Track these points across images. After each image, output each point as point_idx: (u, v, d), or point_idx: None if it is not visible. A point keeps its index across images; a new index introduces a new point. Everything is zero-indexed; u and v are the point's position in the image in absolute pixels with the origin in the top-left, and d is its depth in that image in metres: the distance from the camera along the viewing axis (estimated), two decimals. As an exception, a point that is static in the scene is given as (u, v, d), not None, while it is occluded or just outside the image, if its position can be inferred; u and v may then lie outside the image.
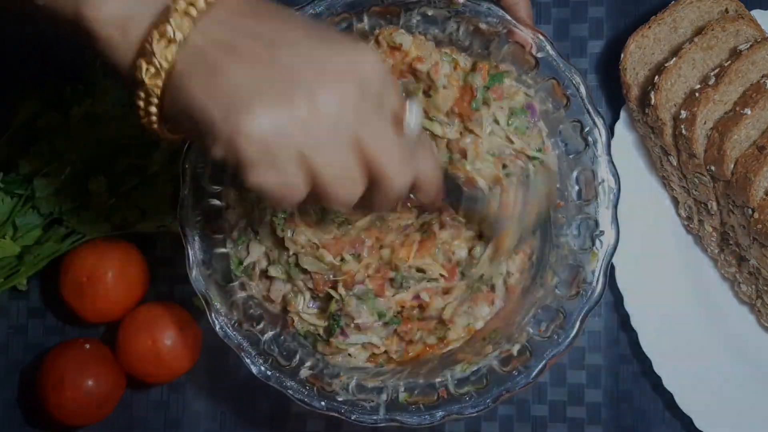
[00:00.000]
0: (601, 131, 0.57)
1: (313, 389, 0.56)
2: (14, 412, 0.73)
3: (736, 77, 0.62)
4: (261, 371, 0.56)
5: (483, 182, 0.55)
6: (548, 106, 0.58)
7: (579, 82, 0.56)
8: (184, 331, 0.68)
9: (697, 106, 0.62)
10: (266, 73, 0.39)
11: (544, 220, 0.57)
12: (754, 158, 0.61)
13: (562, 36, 0.72)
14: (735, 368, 0.66)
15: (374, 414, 0.56)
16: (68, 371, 0.66)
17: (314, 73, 0.39)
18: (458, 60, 0.57)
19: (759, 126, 0.62)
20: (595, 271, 0.57)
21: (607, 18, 0.72)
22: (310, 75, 0.39)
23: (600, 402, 0.69)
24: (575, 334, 0.56)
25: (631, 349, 0.69)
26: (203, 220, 0.57)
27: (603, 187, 0.57)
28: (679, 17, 0.66)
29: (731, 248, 0.65)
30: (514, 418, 0.70)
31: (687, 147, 0.63)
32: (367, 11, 0.57)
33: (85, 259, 0.68)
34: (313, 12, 0.56)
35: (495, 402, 0.55)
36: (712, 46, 0.64)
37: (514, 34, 0.56)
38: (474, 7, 0.56)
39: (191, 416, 0.71)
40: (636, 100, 0.66)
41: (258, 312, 0.58)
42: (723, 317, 0.67)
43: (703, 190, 0.64)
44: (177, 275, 0.72)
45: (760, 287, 0.65)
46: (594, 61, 0.72)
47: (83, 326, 0.73)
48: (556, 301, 0.57)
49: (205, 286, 0.56)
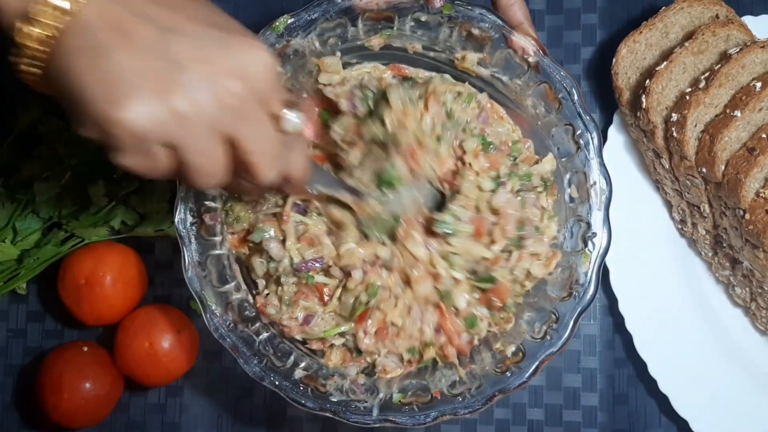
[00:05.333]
0: (592, 134, 0.57)
1: (307, 390, 0.56)
2: (12, 415, 0.74)
3: (727, 80, 0.63)
4: (255, 372, 0.56)
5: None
6: (541, 109, 0.58)
7: (571, 85, 0.57)
8: (182, 334, 0.68)
9: (688, 109, 0.62)
10: (153, 62, 0.39)
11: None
12: (744, 160, 0.61)
13: (555, 42, 0.73)
14: (730, 371, 0.66)
15: (368, 415, 0.56)
16: (66, 374, 0.67)
17: (201, 67, 0.40)
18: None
19: (749, 128, 0.62)
20: (588, 272, 0.57)
21: (600, 24, 0.73)
22: (197, 68, 0.40)
23: (596, 405, 0.69)
24: (568, 335, 0.56)
25: (626, 353, 0.69)
26: (199, 222, 0.58)
27: (595, 189, 0.57)
28: (670, 22, 0.67)
29: (725, 251, 0.65)
30: (511, 421, 0.70)
31: (678, 149, 0.63)
32: (361, 17, 0.58)
33: (83, 262, 0.68)
34: (308, 17, 0.57)
35: (488, 402, 0.55)
36: (702, 50, 0.65)
37: (508, 39, 0.57)
38: (467, 12, 0.57)
39: (189, 419, 0.72)
40: (628, 103, 0.67)
41: (253, 313, 0.59)
42: (717, 320, 0.67)
43: (695, 193, 0.65)
44: (174, 279, 0.73)
45: (753, 290, 0.65)
46: (587, 67, 0.72)
47: (82, 329, 0.74)
48: (549, 302, 0.57)
49: (200, 287, 0.57)
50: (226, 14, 0.44)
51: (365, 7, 0.57)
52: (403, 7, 0.57)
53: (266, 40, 0.57)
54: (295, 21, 0.57)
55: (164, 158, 0.41)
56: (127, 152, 0.40)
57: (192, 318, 0.70)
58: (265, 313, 0.58)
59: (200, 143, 0.41)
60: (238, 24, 0.44)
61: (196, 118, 0.40)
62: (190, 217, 0.57)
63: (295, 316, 0.57)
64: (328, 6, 0.57)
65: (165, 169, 0.42)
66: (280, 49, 0.57)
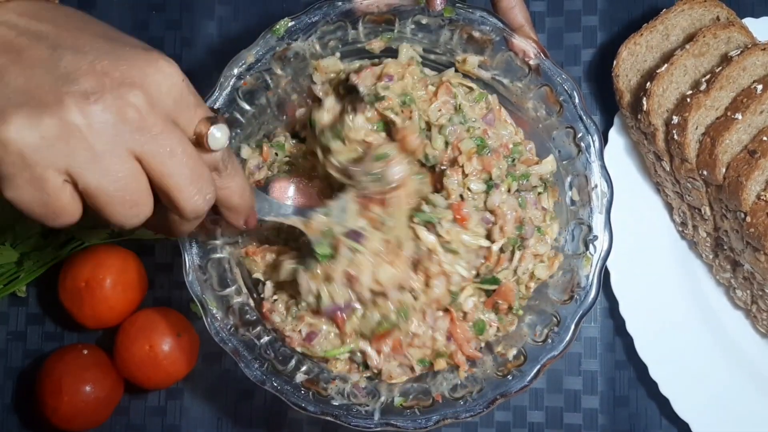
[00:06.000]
0: (593, 137, 0.57)
1: (308, 393, 0.56)
2: (12, 418, 0.74)
3: (728, 83, 0.63)
4: (256, 375, 0.56)
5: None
6: (542, 112, 0.58)
7: (572, 88, 0.57)
8: (182, 337, 0.68)
9: (689, 111, 0.62)
10: (42, 78, 0.36)
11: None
12: (745, 162, 0.61)
13: (556, 44, 0.73)
14: (731, 373, 0.66)
15: (369, 418, 0.56)
16: (66, 377, 0.67)
17: (95, 80, 0.36)
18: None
19: (750, 131, 0.62)
20: (589, 275, 0.57)
21: (600, 26, 0.72)
22: (91, 81, 0.36)
23: (596, 408, 0.69)
24: (570, 339, 0.56)
25: (626, 355, 0.69)
26: (200, 225, 0.58)
27: (596, 192, 0.57)
28: (670, 25, 0.66)
29: (725, 253, 0.65)
30: (511, 424, 0.70)
31: (679, 152, 0.63)
32: (362, 19, 0.57)
33: (83, 265, 0.68)
34: (309, 20, 0.57)
35: (490, 406, 0.55)
36: (703, 52, 0.64)
37: (509, 42, 0.57)
38: (467, 15, 0.57)
39: (188, 422, 0.72)
40: (629, 106, 0.67)
41: (254, 317, 0.58)
42: (718, 322, 0.67)
43: (696, 195, 0.65)
44: (174, 282, 0.73)
45: (754, 292, 0.65)
46: (587, 69, 0.72)
47: (81, 332, 0.73)
48: (550, 305, 0.57)
49: (201, 290, 0.57)
50: (123, 33, 0.41)
51: (366, 10, 0.57)
52: (404, 9, 0.57)
53: (266, 43, 0.57)
54: (296, 24, 0.57)
55: (62, 192, 0.36)
56: (14, 180, 0.35)
57: (192, 321, 0.70)
58: (270, 319, 0.58)
59: (102, 162, 0.35)
60: (139, 41, 0.41)
61: (92, 133, 0.35)
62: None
63: (298, 330, 0.57)
64: (328, 9, 0.57)
65: (66, 206, 0.36)
66: (281, 51, 0.57)
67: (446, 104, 0.56)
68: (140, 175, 0.37)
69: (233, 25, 0.76)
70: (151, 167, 0.37)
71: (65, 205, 0.36)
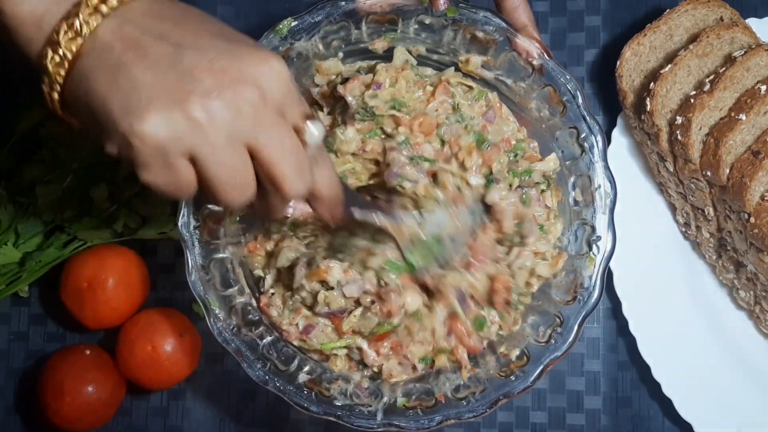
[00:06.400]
0: (597, 137, 0.57)
1: (311, 394, 0.56)
2: (14, 418, 0.74)
3: (731, 83, 0.63)
4: (259, 376, 0.56)
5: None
6: (545, 112, 0.58)
7: (575, 88, 0.57)
8: (184, 337, 0.68)
9: (692, 111, 0.62)
10: (167, 74, 0.40)
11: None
12: (749, 163, 0.61)
13: (559, 45, 0.73)
14: (734, 374, 0.66)
15: (372, 419, 0.56)
16: (68, 377, 0.67)
17: (214, 77, 0.40)
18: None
19: (754, 131, 0.62)
20: (593, 276, 0.57)
21: (603, 27, 0.72)
22: (210, 79, 0.40)
23: (599, 409, 0.69)
24: (573, 339, 0.56)
25: (629, 356, 0.69)
26: (203, 225, 0.58)
27: (599, 192, 0.57)
28: (674, 25, 0.66)
29: (729, 254, 0.65)
30: (514, 425, 0.70)
31: (683, 152, 0.63)
32: (365, 19, 0.57)
33: (86, 265, 0.68)
34: (312, 20, 0.57)
35: (493, 407, 0.55)
36: (707, 53, 0.64)
37: (512, 42, 0.57)
38: (471, 15, 0.57)
39: (191, 422, 0.72)
40: (632, 106, 0.66)
41: (257, 317, 0.58)
42: (721, 323, 0.67)
43: (699, 196, 0.65)
44: (177, 282, 0.73)
45: (758, 293, 0.65)
46: (590, 69, 0.72)
47: (83, 332, 0.73)
48: (553, 306, 0.57)
49: (203, 290, 0.57)
50: (236, 30, 0.45)
51: (369, 10, 0.57)
52: (407, 9, 0.57)
53: (269, 43, 0.57)
54: (299, 24, 0.57)
55: (188, 173, 0.41)
56: (151, 167, 0.40)
57: (194, 321, 0.70)
58: (267, 313, 0.58)
59: (221, 153, 0.40)
60: (250, 38, 0.44)
61: (213, 127, 0.40)
62: (193, 220, 0.57)
63: (295, 323, 0.57)
64: (331, 9, 0.57)
65: (190, 184, 0.42)
66: (284, 52, 0.57)
67: (443, 104, 0.56)
68: (250, 163, 0.42)
69: (235, 26, 0.75)
70: (262, 156, 0.42)
71: (190, 183, 0.42)
